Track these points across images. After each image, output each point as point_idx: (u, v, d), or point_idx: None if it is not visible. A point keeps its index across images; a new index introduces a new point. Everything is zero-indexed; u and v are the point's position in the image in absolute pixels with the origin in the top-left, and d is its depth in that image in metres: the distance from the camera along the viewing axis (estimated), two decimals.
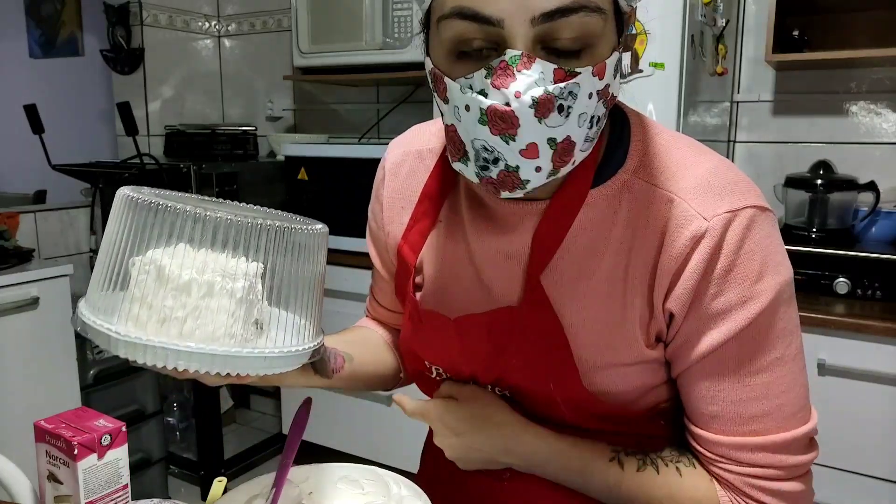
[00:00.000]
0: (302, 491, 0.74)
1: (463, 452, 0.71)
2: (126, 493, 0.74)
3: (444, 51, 0.57)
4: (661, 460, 0.68)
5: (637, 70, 1.64)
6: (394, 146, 0.83)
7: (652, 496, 0.66)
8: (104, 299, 0.59)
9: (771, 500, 0.64)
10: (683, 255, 0.61)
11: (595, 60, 0.55)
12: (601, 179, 0.65)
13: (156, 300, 0.57)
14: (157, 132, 2.86)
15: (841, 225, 1.88)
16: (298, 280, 0.62)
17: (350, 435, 2.34)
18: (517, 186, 0.58)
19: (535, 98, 0.52)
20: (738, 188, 0.62)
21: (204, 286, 0.57)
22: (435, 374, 0.77)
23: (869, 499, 1.60)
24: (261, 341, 0.61)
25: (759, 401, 0.63)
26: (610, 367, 0.66)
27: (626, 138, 0.66)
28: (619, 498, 0.68)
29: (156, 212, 0.57)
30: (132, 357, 0.56)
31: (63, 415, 0.74)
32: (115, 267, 0.58)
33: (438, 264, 0.74)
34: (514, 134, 0.54)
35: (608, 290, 0.65)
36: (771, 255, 0.61)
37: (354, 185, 2.20)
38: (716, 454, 0.65)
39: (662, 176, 0.64)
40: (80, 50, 3.24)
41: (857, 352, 1.56)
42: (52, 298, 2.01)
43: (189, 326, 0.57)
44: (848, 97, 2.02)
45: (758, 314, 0.61)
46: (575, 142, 0.56)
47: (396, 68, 2.30)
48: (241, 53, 3.09)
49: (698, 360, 0.63)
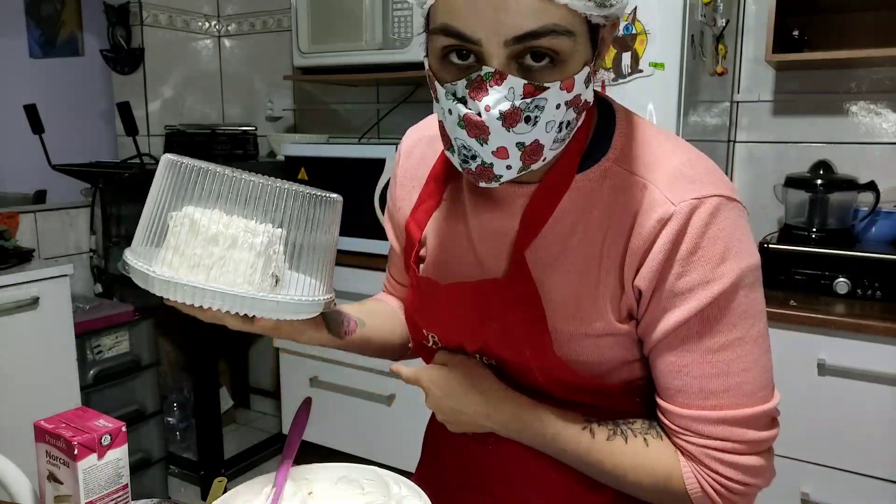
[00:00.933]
0: (302, 491, 0.74)
1: (450, 415, 0.77)
2: (126, 493, 0.74)
3: (435, 57, 0.64)
4: (630, 431, 0.73)
5: (637, 70, 1.64)
6: (410, 132, 0.92)
7: (618, 463, 0.72)
8: (145, 251, 0.68)
9: (729, 471, 0.68)
10: (651, 237, 0.66)
11: (564, 76, 0.61)
12: (585, 166, 0.71)
13: (188, 249, 0.66)
14: (157, 132, 2.86)
15: (841, 225, 1.88)
16: (315, 243, 0.71)
17: (350, 435, 2.34)
18: (492, 179, 0.66)
19: (502, 112, 0.60)
20: (709, 178, 0.67)
21: (229, 239, 0.66)
22: (431, 343, 0.83)
23: (869, 499, 1.60)
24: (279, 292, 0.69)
25: (720, 377, 0.67)
26: (581, 336, 0.71)
27: (610, 130, 0.73)
28: (588, 464, 0.73)
29: (195, 173, 0.67)
30: (165, 294, 0.65)
31: (63, 415, 0.74)
32: (157, 222, 0.68)
33: (439, 239, 0.82)
34: (486, 139, 0.62)
35: (584, 267, 0.71)
36: (735, 242, 0.66)
37: (354, 185, 2.20)
38: (679, 426, 0.70)
39: (640, 165, 0.70)
40: (80, 50, 3.24)
41: (856, 352, 1.56)
42: (52, 298, 2.01)
43: (214, 273, 0.66)
44: (848, 97, 2.02)
45: (718, 294, 0.66)
46: (543, 144, 0.64)
47: (396, 68, 2.30)
48: (241, 53, 3.09)
49: (664, 335, 0.68)
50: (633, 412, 0.76)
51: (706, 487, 0.69)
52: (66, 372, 2.08)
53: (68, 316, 2.07)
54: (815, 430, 1.61)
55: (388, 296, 1.02)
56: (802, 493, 1.64)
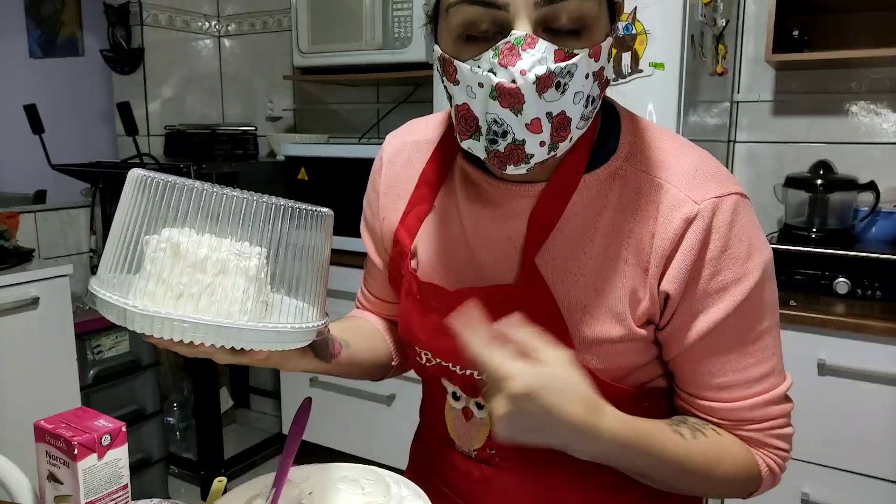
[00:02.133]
0: (302, 491, 0.74)
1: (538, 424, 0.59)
2: (126, 493, 0.74)
3: (452, 36, 0.62)
4: (698, 426, 0.71)
5: (637, 70, 1.64)
6: (391, 138, 0.87)
7: (711, 461, 0.68)
8: (116, 279, 0.60)
9: (782, 443, 0.72)
10: (677, 237, 0.66)
11: (592, 43, 0.60)
12: (593, 166, 0.70)
13: (171, 277, 0.58)
14: (157, 132, 2.86)
15: (841, 225, 1.88)
16: (304, 263, 0.64)
17: (350, 435, 2.34)
18: (522, 160, 0.62)
19: (538, 75, 0.57)
20: (722, 176, 0.68)
21: (219, 264, 0.59)
22: (424, 360, 0.79)
23: (869, 499, 1.60)
24: (271, 318, 0.63)
25: (760, 364, 0.70)
26: (599, 343, 0.69)
27: (616, 130, 0.71)
28: (683, 468, 0.66)
29: (169, 190, 0.58)
30: (148, 331, 0.57)
31: (63, 415, 0.74)
32: (129, 246, 0.60)
33: (433, 248, 0.78)
34: (521, 108, 0.59)
35: (598, 271, 0.69)
36: (755, 236, 0.68)
37: (354, 185, 2.20)
38: (735, 419, 0.71)
39: (652, 164, 0.68)
40: (80, 50, 3.24)
41: (856, 352, 1.55)
42: (52, 298, 2.01)
43: (204, 303, 0.58)
44: (848, 97, 2.02)
45: (751, 289, 0.67)
46: (570, 118, 0.61)
47: (396, 68, 2.30)
48: (241, 53, 3.09)
49: (701, 336, 0.68)
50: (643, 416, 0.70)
51: (771, 465, 0.72)
52: (66, 372, 2.08)
53: (68, 316, 2.07)
54: (815, 430, 1.61)
55: (365, 312, 0.96)
56: (802, 493, 1.64)
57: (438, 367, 0.78)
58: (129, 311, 0.57)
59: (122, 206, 0.61)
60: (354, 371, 0.84)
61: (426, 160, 0.80)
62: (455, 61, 0.62)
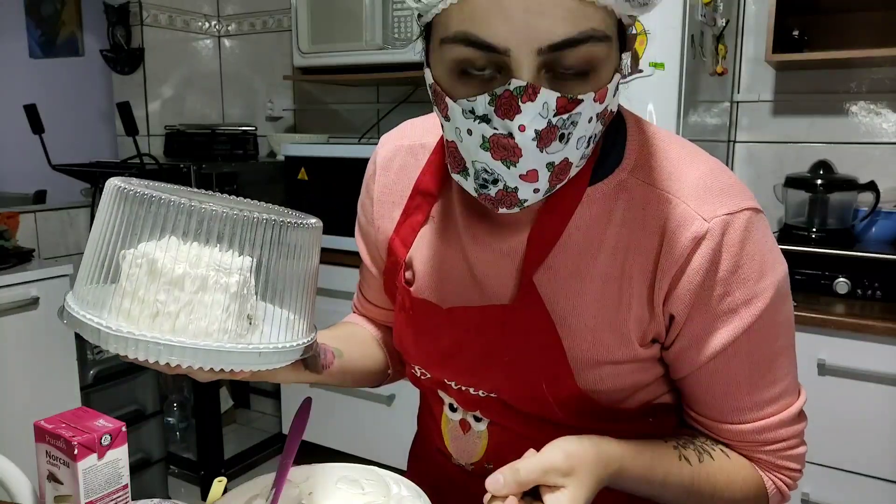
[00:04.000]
0: (302, 491, 0.74)
1: None
2: (126, 493, 0.74)
3: (445, 69, 0.57)
4: (705, 447, 0.69)
5: (637, 70, 1.64)
6: (385, 141, 0.82)
7: (716, 485, 0.67)
8: (93, 292, 0.58)
9: (793, 464, 0.70)
10: (684, 256, 0.62)
11: (598, 85, 0.55)
12: (597, 178, 0.65)
13: (147, 294, 0.56)
14: (157, 132, 2.86)
15: (841, 225, 1.88)
16: (291, 275, 0.61)
17: (350, 435, 2.34)
18: (515, 204, 0.59)
19: (538, 131, 0.53)
20: (734, 190, 0.63)
21: (198, 280, 0.56)
22: (419, 374, 0.77)
23: (869, 499, 1.59)
24: (253, 337, 0.60)
25: (773, 385, 0.67)
26: (602, 364, 0.66)
27: (621, 138, 0.67)
28: (690, 494, 0.67)
29: (147, 203, 0.56)
30: (122, 352, 0.55)
31: (63, 415, 0.74)
32: (105, 260, 0.57)
33: (430, 261, 0.74)
34: (516, 161, 0.55)
35: (603, 290, 0.65)
36: (768, 254, 0.64)
37: (354, 186, 2.19)
38: (745, 441, 0.69)
39: (659, 176, 0.64)
40: (80, 50, 3.24)
41: (856, 352, 1.55)
42: (52, 298, 2.01)
43: (182, 321, 0.56)
44: (848, 97, 2.02)
45: (763, 310, 0.63)
46: (572, 162, 0.58)
47: (396, 68, 2.30)
48: (241, 53, 3.09)
49: (710, 359, 0.65)
50: (647, 433, 0.71)
51: (780, 486, 0.70)
52: (66, 372, 2.08)
53: None
54: (815, 430, 1.60)
55: (360, 317, 0.93)
56: (803, 493, 1.64)
57: (433, 381, 0.76)
58: (104, 332, 0.54)
59: (100, 217, 0.58)
60: (347, 380, 0.82)
61: (421, 166, 0.76)
62: (447, 98, 0.57)
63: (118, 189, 0.57)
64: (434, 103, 0.60)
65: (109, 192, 0.58)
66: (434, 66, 0.59)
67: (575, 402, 0.68)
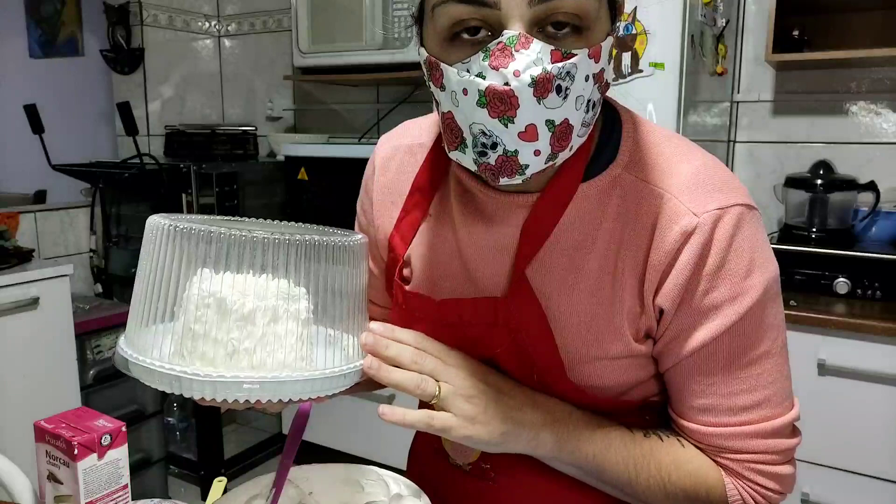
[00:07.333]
0: (302, 491, 0.74)
1: (492, 436, 0.64)
2: (126, 493, 0.74)
3: (438, 37, 0.57)
4: (661, 433, 0.69)
5: (637, 70, 1.64)
6: (384, 141, 0.83)
7: (660, 462, 0.67)
8: (140, 337, 0.57)
9: (769, 482, 0.67)
10: (673, 251, 0.62)
11: (591, 43, 0.56)
12: (591, 174, 0.65)
13: (220, 333, 0.55)
14: (157, 132, 2.86)
15: (841, 225, 1.88)
16: (344, 295, 0.61)
17: (350, 435, 2.34)
18: (516, 171, 0.58)
19: (533, 77, 0.53)
20: (727, 186, 0.63)
21: (269, 312, 0.56)
22: None
23: (869, 499, 1.59)
24: (319, 362, 0.60)
25: (750, 392, 0.65)
26: (596, 360, 0.66)
27: (616, 134, 0.67)
28: (637, 469, 0.67)
29: (206, 240, 0.55)
30: (209, 396, 0.55)
31: (63, 415, 0.74)
32: (160, 301, 0.56)
33: (427, 256, 0.74)
34: (513, 115, 0.54)
35: (597, 285, 0.65)
36: (758, 252, 0.63)
37: (354, 186, 2.20)
38: (711, 445, 0.67)
39: (653, 172, 0.64)
40: (80, 50, 3.24)
41: (856, 352, 1.55)
42: (52, 298, 2.01)
43: (259, 356, 0.55)
44: (848, 97, 2.02)
45: (748, 310, 0.62)
46: (573, 125, 0.57)
47: (396, 68, 2.30)
48: (241, 53, 3.09)
49: (689, 354, 0.65)
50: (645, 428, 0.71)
51: (746, 497, 0.67)
52: (66, 372, 2.08)
53: (68, 316, 2.07)
54: (815, 430, 1.61)
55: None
56: (802, 493, 1.64)
57: None
58: (186, 378, 0.54)
59: (148, 257, 0.57)
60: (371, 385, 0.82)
61: (419, 165, 0.77)
62: (441, 64, 0.57)
63: (168, 227, 0.56)
64: (429, 80, 0.60)
65: (157, 231, 0.57)
66: (427, 41, 0.59)
67: (568, 397, 0.68)
